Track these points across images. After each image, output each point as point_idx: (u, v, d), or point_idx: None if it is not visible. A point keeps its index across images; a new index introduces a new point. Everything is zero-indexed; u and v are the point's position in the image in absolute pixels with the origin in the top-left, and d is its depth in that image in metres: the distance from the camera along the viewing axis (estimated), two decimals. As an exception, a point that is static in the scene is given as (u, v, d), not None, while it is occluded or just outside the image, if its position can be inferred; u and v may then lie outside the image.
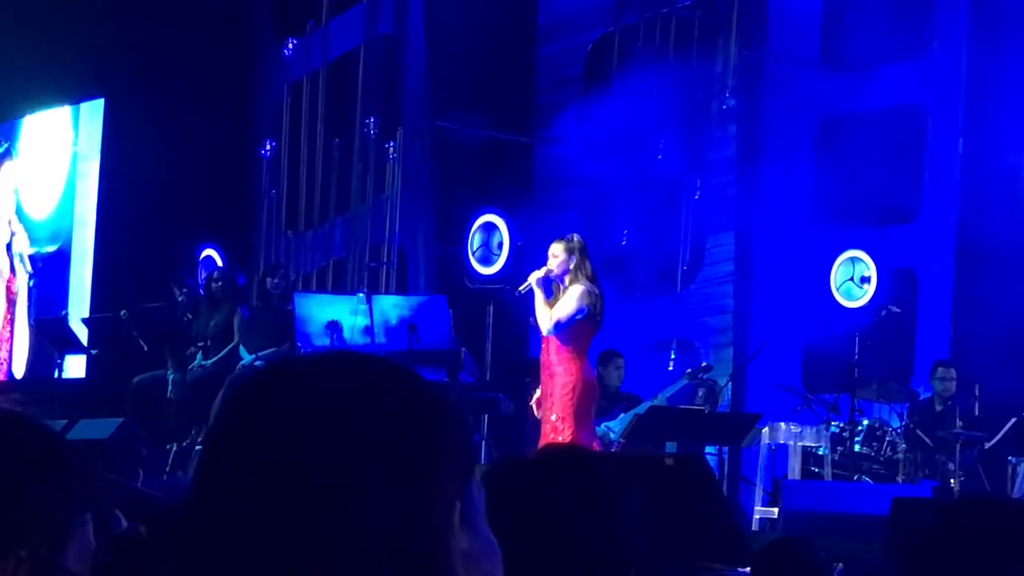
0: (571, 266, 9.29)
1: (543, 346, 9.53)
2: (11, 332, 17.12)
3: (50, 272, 16.80)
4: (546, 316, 9.27)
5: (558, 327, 9.22)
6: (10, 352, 17.09)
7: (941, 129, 12.72)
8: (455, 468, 1.34)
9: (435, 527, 1.31)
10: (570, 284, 9.29)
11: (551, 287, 9.35)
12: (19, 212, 17.36)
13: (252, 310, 13.16)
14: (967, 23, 12.63)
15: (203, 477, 1.32)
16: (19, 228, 17.27)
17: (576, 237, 9.45)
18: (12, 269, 17.29)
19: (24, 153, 17.35)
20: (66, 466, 1.58)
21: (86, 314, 15.38)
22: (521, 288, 9.45)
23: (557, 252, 9.32)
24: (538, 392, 9.59)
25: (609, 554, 2.32)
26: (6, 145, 17.51)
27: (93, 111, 16.55)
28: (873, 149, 12.78)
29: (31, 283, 16.99)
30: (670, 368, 13.01)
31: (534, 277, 9.32)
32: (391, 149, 14.69)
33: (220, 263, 14.49)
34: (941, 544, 2.29)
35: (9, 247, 17.37)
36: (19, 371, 16.80)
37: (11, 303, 17.21)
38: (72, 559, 1.53)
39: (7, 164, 17.50)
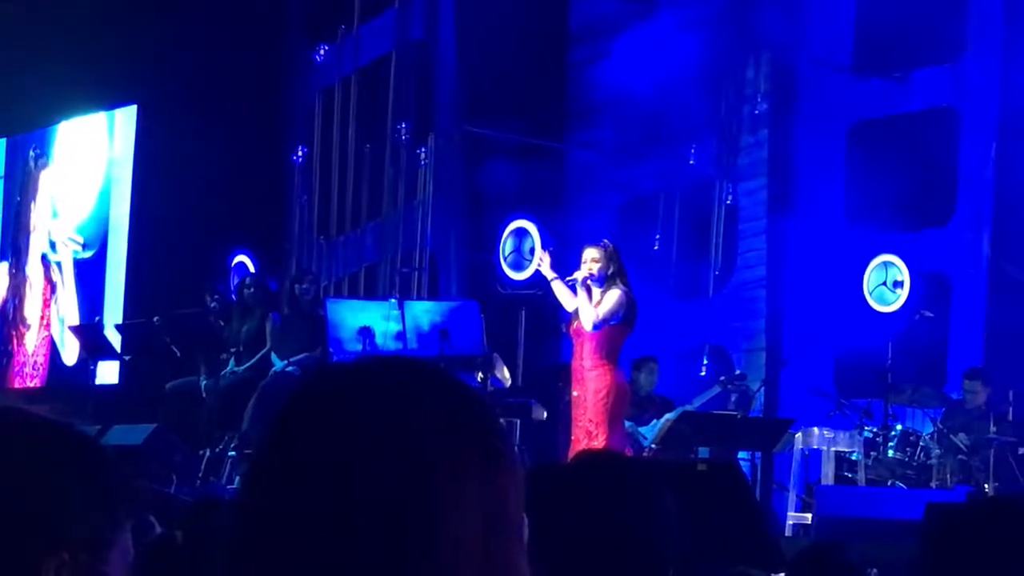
0: (609, 272, 9.58)
1: (575, 351, 9.65)
2: (49, 338, 17.19)
3: (85, 278, 16.86)
4: (591, 313, 9.47)
5: (600, 325, 9.48)
6: (47, 357, 17.17)
7: (974, 133, 12.65)
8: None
9: (503, 525, 1.31)
10: (608, 288, 9.54)
11: (574, 287, 9.59)
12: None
13: (283, 316, 13.16)
14: (1001, 27, 12.56)
15: (267, 478, 1.32)
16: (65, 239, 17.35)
17: (611, 244, 9.74)
18: (47, 277, 17.37)
19: (59, 159, 17.42)
20: (108, 474, 1.58)
21: (119, 320, 15.43)
22: (573, 276, 9.64)
23: (597, 256, 9.61)
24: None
25: (648, 556, 2.32)
26: (37, 151, 17.59)
27: (127, 117, 16.60)
28: (906, 153, 12.73)
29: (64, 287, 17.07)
30: (703, 373, 12.99)
31: (580, 275, 9.58)
32: (423, 154, 14.69)
33: (252, 269, 14.51)
34: (973, 544, 2.28)
35: (45, 257, 17.45)
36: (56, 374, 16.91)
37: (46, 309, 17.29)
38: (114, 568, 1.54)
39: (46, 171, 17.57)
